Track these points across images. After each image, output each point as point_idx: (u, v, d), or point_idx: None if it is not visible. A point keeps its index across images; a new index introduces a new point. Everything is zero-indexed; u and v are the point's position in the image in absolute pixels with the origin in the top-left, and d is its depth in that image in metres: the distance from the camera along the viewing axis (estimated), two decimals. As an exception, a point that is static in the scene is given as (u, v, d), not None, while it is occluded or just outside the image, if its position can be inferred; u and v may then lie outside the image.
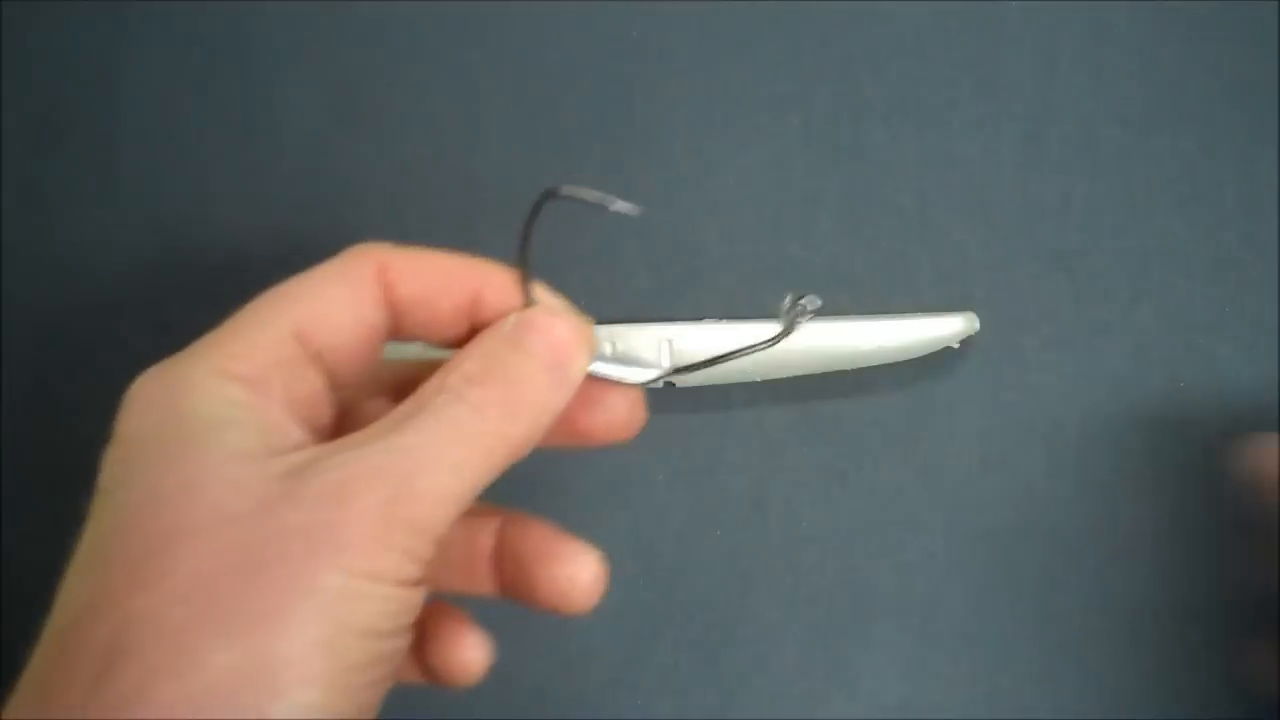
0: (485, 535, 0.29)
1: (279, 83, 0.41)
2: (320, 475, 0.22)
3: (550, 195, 0.24)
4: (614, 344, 0.36)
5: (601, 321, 0.37)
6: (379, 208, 0.40)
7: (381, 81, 0.40)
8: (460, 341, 0.26)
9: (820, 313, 0.38)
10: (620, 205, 0.24)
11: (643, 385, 0.27)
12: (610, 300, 0.39)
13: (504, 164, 0.40)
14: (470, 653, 0.28)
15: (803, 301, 0.27)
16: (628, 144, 0.40)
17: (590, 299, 0.39)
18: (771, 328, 0.36)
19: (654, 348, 0.35)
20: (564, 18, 0.40)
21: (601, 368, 0.26)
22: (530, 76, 0.40)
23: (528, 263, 0.26)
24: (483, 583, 0.29)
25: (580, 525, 0.39)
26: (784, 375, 0.37)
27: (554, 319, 0.26)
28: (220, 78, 0.41)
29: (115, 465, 0.23)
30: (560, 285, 0.40)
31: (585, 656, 0.39)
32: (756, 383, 0.38)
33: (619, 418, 0.28)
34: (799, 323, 0.27)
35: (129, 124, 0.41)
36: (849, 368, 0.37)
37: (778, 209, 0.39)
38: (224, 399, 0.23)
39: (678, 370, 0.27)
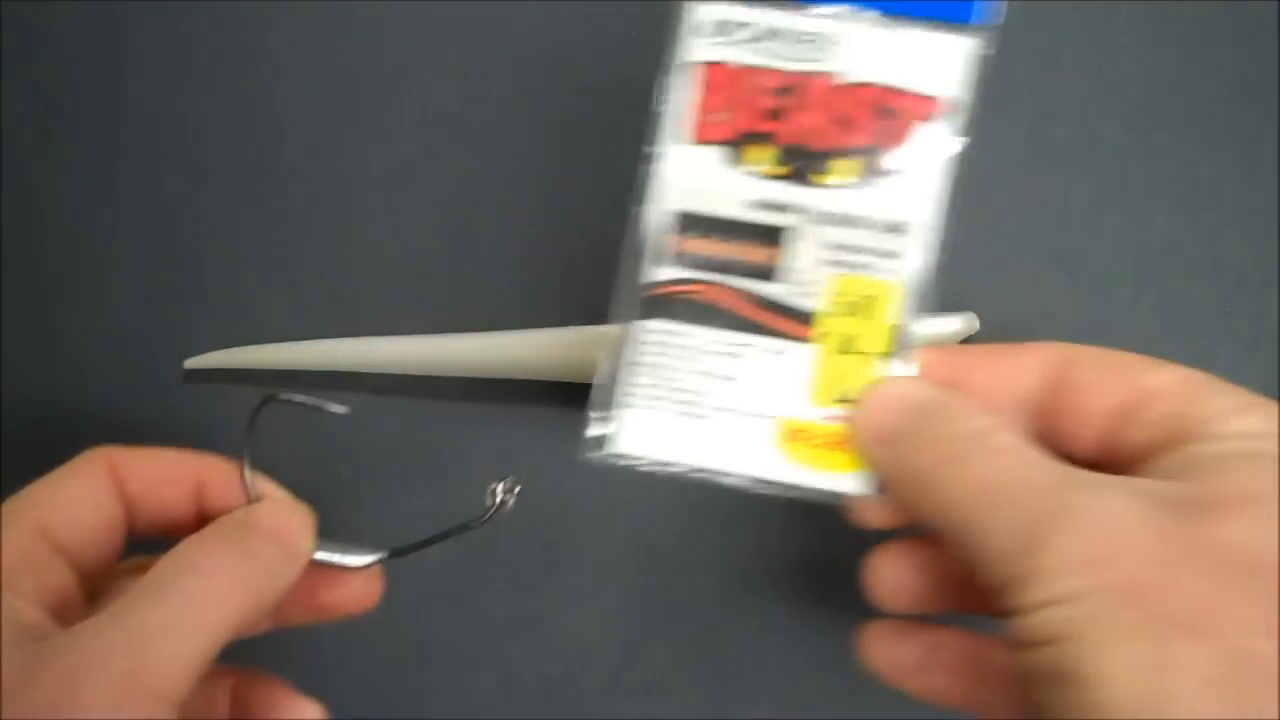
0: (222, 696, 0.31)
1: (279, 83, 0.41)
2: (60, 658, 0.23)
3: (269, 400, 0.29)
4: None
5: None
6: (379, 208, 0.40)
7: (381, 81, 0.40)
8: (192, 530, 0.28)
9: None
10: (333, 407, 0.27)
11: (363, 568, 0.30)
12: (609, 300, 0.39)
13: (504, 164, 0.40)
14: None
15: (507, 484, 0.30)
16: (627, 144, 0.40)
17: (590, 298, 0.40)
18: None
19: None
20: (564, 18, 0.40)
21: (324, 555, 0.29)
22: (530, 76, 0.40)
23: (250, 458, 0.29)
24: None
25: (580, 527, 0.40)
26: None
27: (280, 508, 0.29)
28: (220, 78, 0.41)
29: None
30: (562, 285, 0.40)
31: (585, 656, 0.39)
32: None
33: (356, 592, 0.31)
34: (508, 503, 0.29)
35: (129, 124, 0.41)
36: (849, 368, 0.37)
37: (778, 209, 0.39)
38: None
39: (395, 553, 0.30)
